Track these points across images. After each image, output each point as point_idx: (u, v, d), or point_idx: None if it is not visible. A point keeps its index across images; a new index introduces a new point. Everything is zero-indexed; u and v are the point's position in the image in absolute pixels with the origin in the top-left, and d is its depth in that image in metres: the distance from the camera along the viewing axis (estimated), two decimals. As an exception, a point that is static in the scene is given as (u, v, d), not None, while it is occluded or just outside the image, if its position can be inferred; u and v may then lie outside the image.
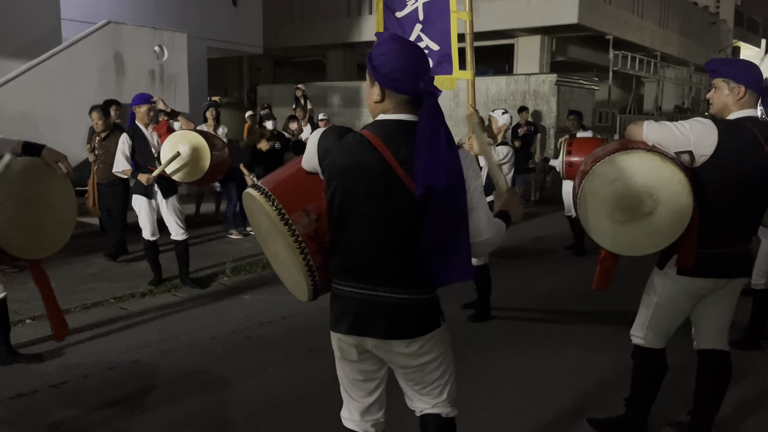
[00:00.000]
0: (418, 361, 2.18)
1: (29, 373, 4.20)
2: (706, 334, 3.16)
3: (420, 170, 1.95)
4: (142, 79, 9.83)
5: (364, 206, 2.05)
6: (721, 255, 2.93)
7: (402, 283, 2.10)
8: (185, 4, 14.02)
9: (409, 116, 2.07)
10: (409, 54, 2.05)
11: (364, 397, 2.32)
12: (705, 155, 2.80)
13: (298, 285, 2.24)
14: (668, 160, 2.79)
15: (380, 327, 2.12)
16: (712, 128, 2.80)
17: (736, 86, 2.89)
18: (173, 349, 4.72)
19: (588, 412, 3.69)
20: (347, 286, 2.13)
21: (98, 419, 3.63)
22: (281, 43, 20.88)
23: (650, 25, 22.13)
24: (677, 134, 2.83)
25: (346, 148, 2.05)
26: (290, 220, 2.09)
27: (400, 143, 2.02)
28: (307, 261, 2.11)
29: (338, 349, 2.27)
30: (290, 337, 4.96)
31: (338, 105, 16.83)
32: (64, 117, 8.76)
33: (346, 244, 2.09)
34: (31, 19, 9.74)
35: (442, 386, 2.27)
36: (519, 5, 17.53)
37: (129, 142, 6.00)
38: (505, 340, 4.93)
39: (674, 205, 2.78)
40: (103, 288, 6.07)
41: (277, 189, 2.16)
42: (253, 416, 3.68)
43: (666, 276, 3.03)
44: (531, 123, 12.60)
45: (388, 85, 2.04)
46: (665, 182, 2.78)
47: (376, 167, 2.01)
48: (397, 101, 2.06)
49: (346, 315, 2.15)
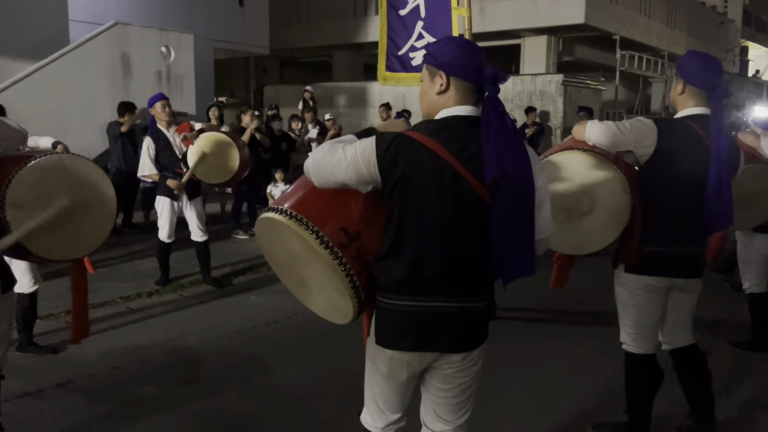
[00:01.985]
0: (464, 373, 2.12)
1: (36, 371, 4.23)
2: (671, 335, 3.16)
3: (490, 157, 1.88)
4: (149, 79, 9.87)
5: (436, 216, 1.94)
6: (666, 253, 2.91)
7: (467, 291, 2.03)
8: (192, 5, 14.07)
9: (471, 109, 2.00)
10: (471, 45, 2.06)
11: (395, 412, 2.21)
12: (645, 155, 2.82)
13: (339, 309, 2.11)
14: (605, 160, 2.82)
15: (443, 340, 2.04)
16: (652, 128, 2.81)
17: (679, 82, 2.90)
18: (179, 349, 4.74)
19: (593, 413, 3.69)
20: (404, 300, 2.01)
21: (105, 418, 3.65)
22: (288, 43, 20.93)
23: (657, 25, 22.04)
24: (617, 134, 2.84)
25: (413, 158, 1.92)
26: (331, 243, 1.96)
27: (465, 143, 1.94)
28: (353, 283, 1.99)
29: (387, 368, 2.11)
30: (296, 337, 4.97)
31: (344, 105, 16.85)
32: (71, 117, 8.80)
33: (413, 258, 1.97)
34: (39, 20, 9.79)
35: (468, 405, 2.21)
36: (525, 5, 17.50)
37: (153, 146, 6.05)
38: (510, 341, 4.92)
39: (611, 204, 2.82)
40: (109, 287, 6.10)
41: (306, 210, 2.02)
42: (259, 416, 3.69)
43: (620, 276, 3.05)
44: (538, 123, 12.58)
45: (455, 72, 1.99)
46: (602, 182, 2.82)
47: (444, 174, 1.92)
48: (463, 91, 2.00)
49: (408, 331, 2.02)
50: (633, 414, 3.23)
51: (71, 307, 3.35)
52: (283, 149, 9.09)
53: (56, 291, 5.83)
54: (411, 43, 4.93)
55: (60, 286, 5.95)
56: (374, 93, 16.25)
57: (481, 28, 17.65)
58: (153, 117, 6.21)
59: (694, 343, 3.18)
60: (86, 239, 3.06)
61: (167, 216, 6.06)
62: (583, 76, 15.92)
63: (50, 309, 5.37)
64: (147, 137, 6.14)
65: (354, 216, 2.02)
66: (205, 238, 6.26)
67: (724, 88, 2.86)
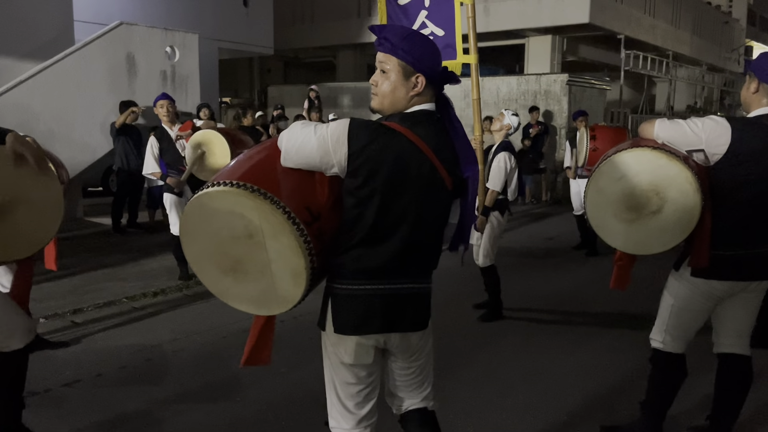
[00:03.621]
0: (425, 351, 2.26)
1: (43, 371, 4.22)
2: (726, 338, 3.09)
3: (464, 154, 2.07)
4: (154, 79, 9.87)
5: (411, 206, 2.01)
6: (738, 257, 2.85)
7: (424, 273, 2.15)
8: (197, 6, 14.08)
9: (433, 105, 2.12)
10: (432, 43, 2.11)
11: (362, 407, 2.21)
12: (718, 154, 2.74)
13: (279, 295, 2.01)
14: (675, 158, 2.74)
15: (408, 320, 2.13)
16: (726, 127, 2.73)
17: (754, 80, 2.82)
18: (185, 349, 4.73)
19: (600, 413, 3.67)
20: (368, 284, 2.04)
21: (111, 418, 3.64)
22: (292, 43, 20.93)
23: (662, 24, 21.98)
24: (689, 132, 2.77)
25: (388, 145, 1.95)
26: (297, 219, 1.90)
27: (434, 137, 2.05)
28: (312, 264, 1.94)
29: (353, 354, 2.11)
30: (302, 337, 4.96)
31: (349, 105, 16.83)
32: (76, 117, 8.81)
33: (379, 243, 2.01)
34: (44, 20, 9.80)
35: (430, 377, 2.33)
36: (530, 5, 17.46)
37: (157, 144, 6.18)
38: (517, 341, 4.91)
39: (681, 204, 2.74)
40: (115, 287, 6.11)
41: (269, 185, 1.93)
42: (265, 416, 3.68)
43: (681, 277, 2.98)
44: (542, 123, 12.55)
45: (431, 77, 2.07)
46: (672, 180, 2.74)
47: (423, 167, 2.00)
48: (431, 90, 2.10)
49: (373, 314, 2.06)
50: (652, 410, 3.20)
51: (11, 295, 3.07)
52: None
53: (61, 290, 5.85)
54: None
55: (65, 285, 5.97)
56: (378, 93, 16.22)
57: (485, 28, 17.62)
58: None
59: (749, 356, 3.09)
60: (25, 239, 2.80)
61: (176, 212, 6.18)
62: (588, 75, 15.88)
63: (56, 309, 5.38)
64: (151, 136, 6.24)
65: (319, 197, 2.00)
66: None
67: None
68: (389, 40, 2.04)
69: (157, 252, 7.41)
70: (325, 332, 2.17)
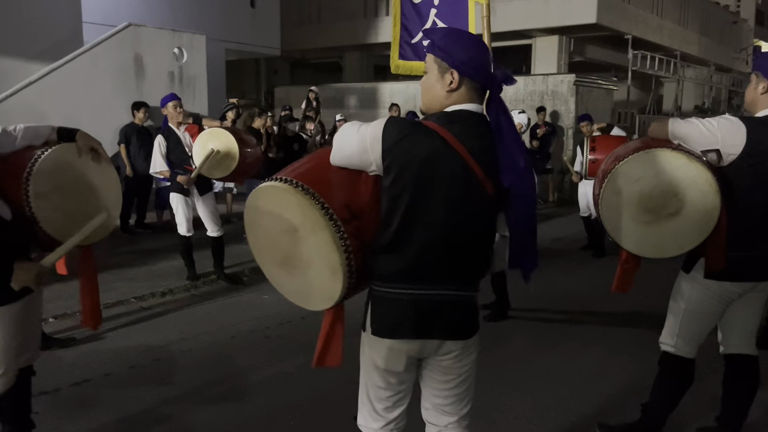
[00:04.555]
0: (463, 362, 2.13)
1: (52, 370, 4.24)
2: (734, 338, 3.07)
3: (506, 161, 1.96)
4: (162, 80, 9.92)
5: (442, 206, 1.94)
6: (751, 258, 2.82)
7: (466, 280, 2.06)
8: (204, 7, 14.14)
9: (478, 107, 2.03)
10: (480, 46, 2.04)
11: (391, 410, 2.18)
12: (733, 154, 2.71)
13: (323, 290, 2.05)
14: (694, 158, 2.70)
15: (443, 327, 2.04)
16: (741, 126, 2.71)
17: (763, 80, 2.80)
18: (193, 349, 4.75)
19: (610, 414, 3.66)
20: (406, 288, 2.00)
21: (120, 418, 3.66)
22: (298, 44, 20.99)
23: (670, 24, 21.91)
24: (704, 132, 2.73)
25: (423, 142, 1.93)
26: (335, 216, 1.93)
27: (473, 138, 1.96)
28: (349, 261, 1.96)
29: (384, 359, 2.08)
30: (310, 337, 4.92)
31: (355, 106, 16.87)
32: (85, 118, 8.83)
33: (412, 245, 1.97)
34: (53, 22, 9.87)
35: (469, 396, 2.20)
36: (537, 5, 17.45)
37: (164, 143, 6.19)
38: (525, 342, 4.90)
39: (701, 205, 2.69)
40: (123, 287, 6.13)
41: (312, 182, 1.98)
42: (274, 416, 3.69)
43: (693, 280, 2.93)
44: (549, 123, 12.53)
45: (468, 74, 1.99)
46: (691, 182, 2.69)
47: (456, 166, 1.93)
48: (472, 90, 2.01)
49: (409, 318, 2.01)
50: (654, 413, 3.19)
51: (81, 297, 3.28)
52: (296, 150, 9.11)
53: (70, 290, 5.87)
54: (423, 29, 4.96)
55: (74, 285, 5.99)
56: (385, 93, 16.26)
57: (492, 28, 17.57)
58: (165, 116, 6.34)
59: (756, 356, 3.08)
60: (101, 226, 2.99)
61: (182, 211, 6.19)
62: (595, 76, 15.85)
63: (65, 308, 5.41)
64: (159, 135, 6.27)
65: (362, 197, 2.01)
66: (221, 233, 6.39)
67: None
68: (431, 39, 2.09)
69: (165, 252, 7.44)
70: (364, 332, 2.14)
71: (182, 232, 6.24)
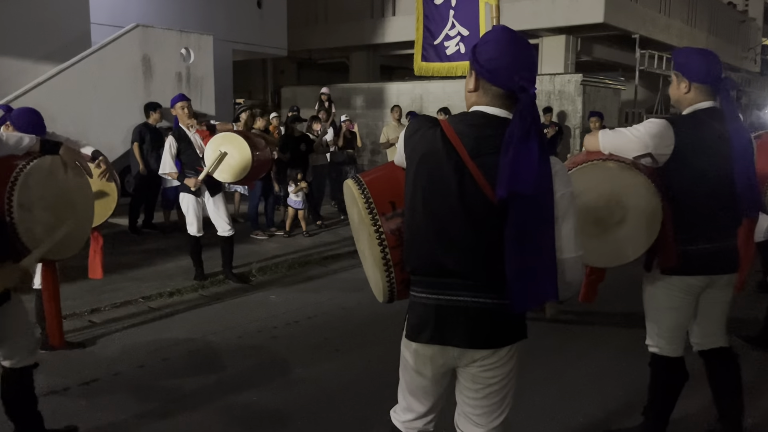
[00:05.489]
0: (493, 372, 2.04)
1: (61, 370, 4.27)
2: (704, 337, 3.11)
3: (504, 173, 1.81)
4: (169, 81, 9.95)
5: (437, 200, 1.93)
6: (702, 252, 2.86)
7: (480, 285, 1.95)
8: (211, 7, 14.17)
9: (503, 112, 1.94)
10: (512, 47, 1.93)
11: (425, 408, 2.19)
12: (665, 154, 2.77)
13: (376, 283, 2.17)
14: (627, 166, 2.79)
15: (462, 334, 1.98)
16: (668, 127, 2.76)
17: (683, 80, 2.85)
18: (201, 348, 4.77)
19: (617, 415, 3.65)
20: (423, 292, 2.01)
21: (128, 417, 3.68)
22: (305, 45, 21.02)
23: (677, 23, 21.82)
24: (632, 138, 2.80)
25: (427, 137, 1.96)
26: (375, 209, 2.06)
27: (479, 139, 1.91)
28: (384, 255, 2.05)
29: (413, 360, 2.11)
30: (317, 338, 4.98)
31: (361, 106, 16.86)
32: (93, 118, 8.91)
33: (421, 241, 1.97)
34: (62, 23, 9.92)
35: (503, 408, 2.12)
36: (543, 5, 17.40)
37: (175, 145, 6.20)
38: (533, 343, 4.87)
39: (642, 208, 2.78)
40: (131, 287, 6.16)
41: (371, 180, 2.16)
42: (281, 416, 3.70)
43: (654, 278, 2.99)
44: (556, 123, 12.50)
45: (484, 76, 1.95)
46: (629, 188, 2.79)
47: (449, 162, 1.90)
48: (491, 94, 1.95)
49: (426, 323, 2.01)
50: (654, 416, 3.19)
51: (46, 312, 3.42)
52: (302, 150, 9.13)
53: (79, 291, 5.91)
54: (445, 32, 5.00)
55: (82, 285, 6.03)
56: (391, 94, 16.25)
57: (498, 28, 17.54)
58: (176, 117, 6.35)
59: (729, 346, 3.12)
60: (74, 239, 3.10)
61: (193, 212, 6.20)
62: (602, 75, 15.79)
63: (74, 308, 5.44)
64: (169, 136, 6.28)
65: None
66: (232, 233, 6.40)
67: (729, 79, 2.87)
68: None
69: (173, 252, 7.47)
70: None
71: (192, 232, 6.25)
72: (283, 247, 8.06)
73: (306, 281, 6.71)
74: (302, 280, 6.74)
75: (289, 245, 8.19)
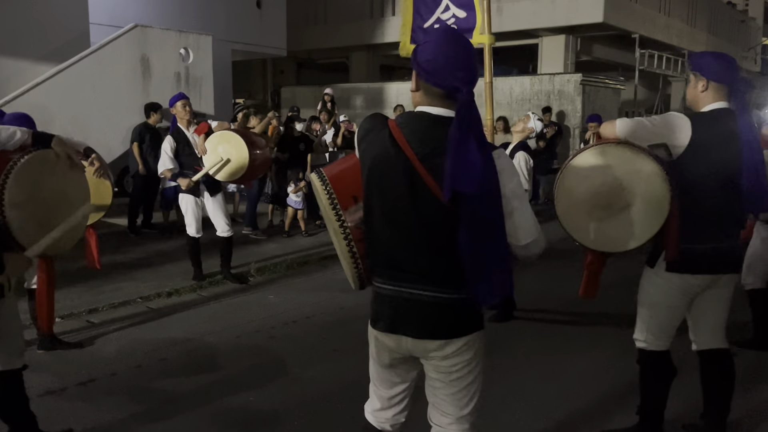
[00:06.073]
0: (451, 362, 2.09)
1: (59, 370, 4.27)
2: (704, 335, 3.12)
3: (448, 175, 1.85)
4: (168, 81, 9.95)
5: (389, 201, 2.00)
6: (707, 251, 2.88)
7: (433, 280, 2.01)
8: (210, 7, 14.17)
9: (447, 111, 1.97)
10: (449, 47, 1.96)
11: (390, 394, 2.28)
12: (680, 146, 2.78)
13: (347, 271, 2.23)
14: (640, 151, 2.77)
15: (414, 326, 2.06)
16: (685, 120, 2.79)
17: (701, 79, 2.88)
18: (199, 348, 4.76)
19: (616, 415, 3.64)
20: (382, 282, 2.10)
21: (126, 417, 3.67)
22: (305, 45, 21.01)
23: (677, 23, 21.81)
24: (649, 127, 2.82)
25: (378, 138, 2.02)
26: (338, 205, 2.10)
27: (426, 141, 1.95)
28: (351, 247, 2.10)
29: (375, 348, 2.22)
30: (315, 337, 4.98)
31: (361, 106, 16.85)
32: (92, 118, 8.90)
33: (376, 237, 2.06)
34: (61, 23, 9.91)
35: (469, 396, 2.16)
36: (543, 5, 17.40)
37: (173, 144, 6.18)
38: (531, 341, 4.89)
39: (650, 195, 2.76)
40: (129, 287, 6.15)
41: (333, 175, 2.18)
42: (278, 416, 3.70)
43: (656, 275, 3.00)
44: (555, 123, 12.49)
45: (422, 76, 1.99)
46: (639, 173, 2.76)
47: (398, 164, 1.95)
48: (431, 94, 1.99)
49: (383, 313, 2.11)
50: (648, 413, 3.20)
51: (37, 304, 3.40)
52: (302, 150, 9.12)
53: (77, 290, 5.91)
54: (438, 15, 4.99)
55: (80, 285, 6.02)
56: (391, 94, 16.23)
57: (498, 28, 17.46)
58: (174, 116, 6.32)
59: (727, 348, 3.13)
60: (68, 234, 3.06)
61: (192, 212, 6.19)
62: (602, 75, 15.78)
63: (72, 309, 5.43)
64: (168, 136, 6.26)
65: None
66: (231, 233, 6.40)
67: (745, 80, 2.92)
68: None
69: (172, 253, 7.46)
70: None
71: (191, 233, 6.24)
72: (282, 247, 8.05)
73: (305, 281, 6.71)
74: (301, 280, 6.74)
75: (288, 245, 8.18)
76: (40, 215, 2.83)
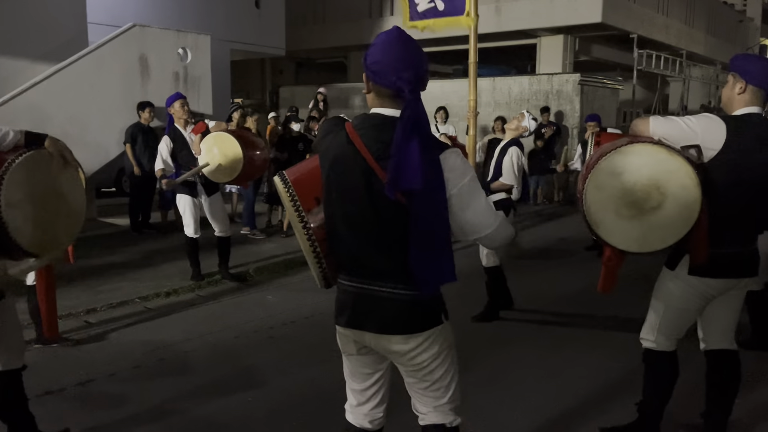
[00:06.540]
0: (416, 359, 2.13)
1: (57, 370, 4.26)
2: (714, 335, 3.12)
3: (390, 174, 1.91)
4: (167, 80, 9.92)
5: (348, 201, 2.05)
6: (731, 255, 2.87)
7: (393, 277, 2.06)
8: (209, 7, 14.15)
9: (395, 112, 2.01)
10: (395, 47, 2.00)
11: (362, 386, 2.32)
12: (713, 149, 2.76)
13: (314, 271, 2.27)
14: (675, 153, 2.74)
15: (375, 321, 2.11)
16: (721, 123, 2.77)
17: (740, 81, 2.86)
18: (197, 349, 4.76)
19: (614, 414, 3.64)
20: (344, 280, 2.16)
21: (124, 417, 3.67)
22: (303, 44, 20.98)
23: (676, 23, 21.83)
24: (684, 128, 2.79)
25: (336, 140, 2.08)
26: (300, 207, 2.14)
27: (378, 140, 2.00)
28: (314, 248, 2.15)
29: (339, 342, 2.29)
30: (313, 337, 4.97)
31: (360, 106, 16.84)
32: (90, 118, 8.87)
33: (337, 237, 2.11)
34: (59, 23, 9.88)
35: (444, 388, 2.21)
36: (542, 5, 17.39)
37: (170, 145, 6.17)
38: (528, 342, 4.89)
39: (682, 198, 2.72)
40: (128, 287, 6.14)
41: (296, 178, 2.22)
42: (276, 416, 3.70)
43: (677, 277, 2.97)
44: (553, 123, 12.50)
45: (370, 77, 2.04)
46: (673, 175, 2.72)
47: (356, 165, 2.02)
48: (381, 95, 2.05)
49: (345, 308, 2.17)
50: (650, 410, 3.20)
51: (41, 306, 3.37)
52: (300, 149, 9.12)
53: (75, 290, 5.90)
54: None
55: (78, 285, 6.02)
56: (390, 93, 16.23)
57: (497, 28, 17.56)
58: (170, 116, 6.29)
59: (736, 350, 3.13)
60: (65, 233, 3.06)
61: (189, 213, 6.17)
62: (600, 75, 15.79)
63: (70, 309, 5.42)
64: (165, 136, 6.24)
65: None
66: (229, 233, 6.41)
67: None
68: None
69: (170, 252, 7.45)
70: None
71: (189, 233, 6.23)
72: (280, 247, 8.05)
73: (303, 281, 6.70)
74: (299, 280, 6.73)
75: (286, 245, 8.17)
76: (36, 215, 2.82)
